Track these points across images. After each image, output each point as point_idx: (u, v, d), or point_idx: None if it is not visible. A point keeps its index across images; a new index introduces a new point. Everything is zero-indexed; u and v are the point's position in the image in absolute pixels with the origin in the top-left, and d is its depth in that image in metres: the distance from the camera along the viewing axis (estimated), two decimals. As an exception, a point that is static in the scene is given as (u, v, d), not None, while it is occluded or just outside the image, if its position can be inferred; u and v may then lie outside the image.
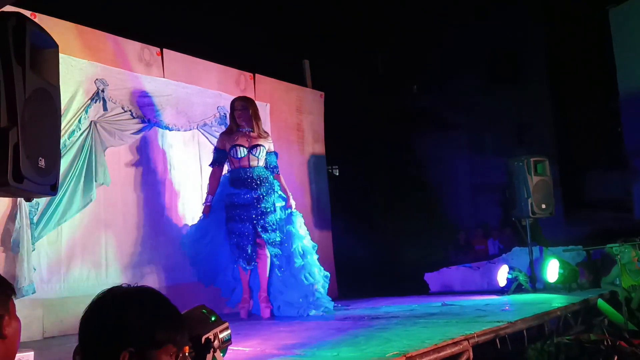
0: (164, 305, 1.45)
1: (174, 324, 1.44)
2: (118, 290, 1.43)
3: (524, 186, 6.76)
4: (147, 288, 1.46)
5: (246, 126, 5.56)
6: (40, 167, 2.79)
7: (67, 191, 5.09)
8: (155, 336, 1.37)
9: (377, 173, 11.69)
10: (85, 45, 5.32)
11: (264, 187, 5.52)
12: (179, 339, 1.43)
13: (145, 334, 1.36)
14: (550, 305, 5.03)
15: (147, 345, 1.36)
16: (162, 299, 1.46)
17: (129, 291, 1.43)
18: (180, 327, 1.45)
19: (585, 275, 6.54)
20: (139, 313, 1.37)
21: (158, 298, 1.45)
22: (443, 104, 14.39)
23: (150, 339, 1.36)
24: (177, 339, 1.42)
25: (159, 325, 1.39)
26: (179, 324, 1.45)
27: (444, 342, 3.42)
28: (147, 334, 1.36)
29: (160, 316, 1.41)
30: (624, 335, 4.01)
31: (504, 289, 6.44)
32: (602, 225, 9.52)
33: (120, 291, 1.42)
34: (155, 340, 1.37)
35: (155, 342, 1.37)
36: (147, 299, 1.43)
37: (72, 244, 5.15)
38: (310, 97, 7.97)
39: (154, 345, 1.37)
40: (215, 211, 5.56)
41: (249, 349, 3.66)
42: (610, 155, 13.32)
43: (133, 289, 1.44)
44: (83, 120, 5.25)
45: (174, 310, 1.46)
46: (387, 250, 10.09)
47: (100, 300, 1.41)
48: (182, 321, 1.48)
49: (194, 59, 6.43)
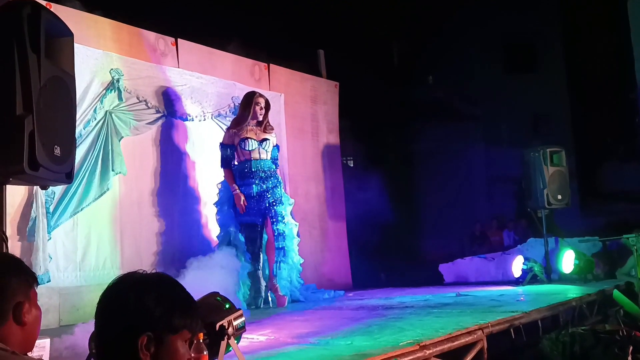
0: (180, 291, 1.47)
1: (190, 310, 1.46)
2: (134, 275, 1.44)
3: (540, 177, 6.71)
4: (162, 274, 1.49)
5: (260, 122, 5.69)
6: (55, 155, 2.82)
7: (82, 180, 5.13)
8: (173, 321, 1.39)
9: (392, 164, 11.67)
10: (101, 35, 5.35)
11: (273, 180, 5.67)
12: (194, 325, 1.45)
13: (163, 319, 1.38)
14: (565, 295, 4.99)
15: (165, 330, 1.38)
16: (178, 286, 1.48)
17: (146, 277, 1.44)
18: (195, 314, 1.47)
19: (601, 266, 6.49)
20: (157, 298, 1.39)
21: (174, 284, 1.47)
22: (458, 95, 14.31)
23: (168, 324, 1.38)
24: (192, 324, 1.44)
25: (176, 310, 1.41)
26: (194, 310, 1.48)
27: (458, 332, 3.40)
28: (165, 319, 1.38)
29: (178, 302, 1.43)
30: (639, 325, 3.97)
31: (519, 279, 6.40)
32: (618, 216, 9.45)
33: (137, 277, 1.44)
34: (173, 326, 1.39)
35: (173, 327, 1.39)
36: (164, 285, 1.45)
37: (88, 232, 5.20)
38: (325, 87, 7.94)
39: (172, 330, 1.39)
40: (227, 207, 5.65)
41: (264, 337, 3.67)
42: (627, 146, 13.18)
43: (150, 275, 1.45)
44: (98, 110, 5.28)
45: (189, 297, 1.48)
46: (402, 241, 10.07)
47: (117, 286, 1.43)
48: (197, 308, 1.50)
49: (208, 49, 6.44)
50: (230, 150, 5.67)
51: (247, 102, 5.72)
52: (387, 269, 8.87)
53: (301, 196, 7.15)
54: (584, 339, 3.50)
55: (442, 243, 10.92)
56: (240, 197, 5.54)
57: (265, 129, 5.74)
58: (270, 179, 5.66)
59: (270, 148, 5.74)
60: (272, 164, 5.76)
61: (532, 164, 6.86)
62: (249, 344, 3.40)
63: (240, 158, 5.68)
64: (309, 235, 7.08)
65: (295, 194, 6.97)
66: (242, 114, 5.74)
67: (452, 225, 11.98)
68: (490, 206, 13.28)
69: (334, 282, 7.08)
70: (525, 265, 6.36)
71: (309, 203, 7.33)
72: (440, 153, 13.29)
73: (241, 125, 5.65)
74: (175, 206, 5.97)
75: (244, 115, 5.70)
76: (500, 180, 13.23)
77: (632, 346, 3.35)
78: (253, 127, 5.69)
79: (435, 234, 11.35)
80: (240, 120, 5.71)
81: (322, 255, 7.32)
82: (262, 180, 5.61)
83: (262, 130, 5.71)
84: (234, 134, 5.66)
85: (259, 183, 5.60)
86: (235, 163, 5.72)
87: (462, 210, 12.62)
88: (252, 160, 5.61)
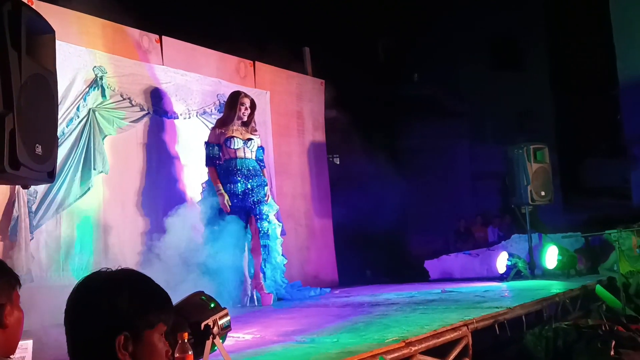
0: (151, 286, 1.46)
1: (164, 303, 1.45)
2: (101, 276, 1.42)
3: (524, 173, 6.76)
4: (129, 270, 1.46)
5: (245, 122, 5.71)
6: (37, 154, 2.78)
7: (65, 179, 5.09)
8: (148, 317, 1.38)
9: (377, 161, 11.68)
10: (83, 32, 5.29)
11: (258, 179, 5.69)
12: (169, 318, 1.44)
13: (138, 316, 1.37)
14: (548, 291, 5.04)
15: (141, 327, 1.37)
16: (148, 280, 1.46)
17: (113, 276, 1.42)
18: (169, 306, 1.47)
19: (583, 262, 6.55)
20: (130, 297, 1.37)
21: (144, 279, 1.46)
22: (444, 92, 14.37)
23: (143, 320, 1.37)
24: (167, 317, 1.44)
25: (150, 306, 1.40)
26: (167, 302, 1.47)
27: (443, 328, 3.42)
28: (140, 317, 1.37)
29: (150, 297, 1.42)
30: (621, 320, 4.02)
31: (503, 275, 6.45)
32: (599, 212, 9.54)
33: (104, 277, 1.41)
34: (148, 321, 1.38)
35: (149, 323, 1.38)
36: (134, 282, 1.43)
37: (71, 232, 5.15)
38: (311, 85, 7.94)
39: (148, 326, 1.38)
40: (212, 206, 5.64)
41: (250, 336, 3.66)
42: (609, 142, 13.33)
43: (117, 273, 1.43)
44: (81, 108, 5.23)
45: (161, 290, 1.47)
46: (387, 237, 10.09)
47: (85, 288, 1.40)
48: (169, 299, 1.48)
49: (193, 46, 6.40)
50: (216, 149, 5.67)
51: (233, 102, 5.72)
52: (373, 265, 8.90)
53: (287, 194, 7.14)
54: (567, 333, 3.54)
55: (427, 239, 10.98)
56: (224, 197, 5.53)
57: (251, 129, 5.77)
58: (255, 178, 5.68)
59: (255, 148, 5.77)
60: (257, 164, 5.78)
61: (515, 161, 6.92)
62: (234, 342, 3.39)
63: (226, 156, 5.67)
64: (295, 232, 7.08)
65: (282, 192, 6.97)
66: (227, 114, 5.74)
67: (437, 221, 12.04)
68: (475, 202, 13.36)
69: (320, 279, 7.09)
70: (510, 261, 6.42)
71: (295, 200, 7.33)
72: (426, 150, 13.34)
73: (227, 125, 5.66)
74: (160, 205, 5.92)
75: (229, 116, 5.71)
76: (484, 177, 13.32)
77: (614, 341, 3.39)
78: (238, 127, 5.71)
79: (420, 231, 11.40)
80: (226, 120, 5.71)
81: (308, 253, 7.33)
82: (247, 178, 5.63)
83: (247, 130, 5.74)
84: (219, 133, 5.66)
85: (243, 181, 5.61)
86: (221, 162, 5.71)
87: (447, 206, 12.68)
88: (238, 159, 5.63)
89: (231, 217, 5.53)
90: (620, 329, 3.63)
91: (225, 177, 5.61)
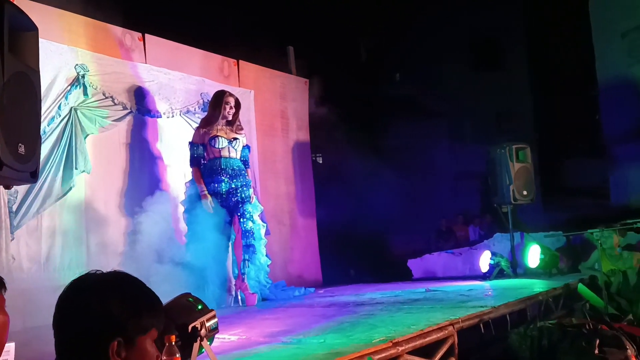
0: (143, 290, 1.43)
1: (156, 307, 1.43)
2: (91, 279, 1.39)
3: (506, 173, 6.81)
4: (120, 273, 1.43)
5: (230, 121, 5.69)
6: (20, 154, 2.73)
7: (46, 179, 5.01)
8: (141, 323, 1.36)
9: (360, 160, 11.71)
10: (65, 29, 5.21)
11: (242, 178, 5.66)
12: (160, 322, 1.43)
13: (132, 322, 1.34)
14: (531, 290, 5.08)
15: (134, 332, 1.35)
16: (139, 283, 1.44)
17: (104, 279, 1.39)
18: (160, 310, 1.45)
19: (565, 261, 6.62)
20: (122, 302, 1.35)
21: (135, 283, 1.43)
22: (425, 92, 14.45)
23: (137, 326, 1.35)
24: (159, 322, 1.42)
25: (143, 311, 1.38)
26: (159, 307, 1.45)
27: (430, 328, 3.42)
28: (133, 322, 1.35)
29: (143, 302, 1.40)
30: (605, 319, 4.07)
31: (486, 274, 6.50)
32: (579, 211, 9.65)
33: (95, 280, 1.38)
34: (142, 327, 1.36)
35: (142, 329, 1.36)
36: (126, 286, 1.41)
37: (53, 232, 5.07)
38: (295, 84, 7.92)
39: (141, 332, 1.36)
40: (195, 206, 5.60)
41: (235, 337, 3.63)
42: (589, 142, 13.51)
43: (107, 276, 1.40)
44: (63, 106, 5.16)
45: (152, 294, 1.45)
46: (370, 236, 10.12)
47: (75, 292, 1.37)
48: (160, 303, 1.47)
49: (176, 45, 6.34)
50: (200, 149, 5.63)
51: (217, 101, 5.69)
52: (355, 265, 8.91)
53: (271, 193, 7.12)
54: (552, 333, 3.58)
55: (409, 239, 11.02)
56: (207, 199, 5.50)
57: (236, 128, 5.74)
58: (240, 178, 5.65)
59: (240, 147, 5.74)
60: (242, 163, 5.76)
61: (498, 161, 6.96)
62: (220, 344, 3.35)
63: (210, 156, 5.64)
64: (279, 232, 7.06)
65: (266, 191, 6.94)
66: (212, 113, 5.70)
67: (419, 221, 12.09)
68: (456, 202, 13.46)
69: (304, 278, 7.08)
70: (492, 260, 6.47)
71: (279, 200, 7.31)
72: (407, 149, 13.39)
73: (211, 125, 5.63)
74: (143, 205, 5.86)
75: (214, 115, 5.67)
76: (465, 176, 13.42)
77: (598, 339, 3.43)
78: (223, 127, 5.68)
79: (402, 230, 11.44)
80: (210, 119, 5.68)
81: (292, 253, 7.31)
82: (232, 178, 5.60)
83: (232, 129, 5.71)
84: (204, 133, 5.63)
85: (228, 181, 5.59)
86: (205, 161, 5.68)
87: (429, 206, 12.74)
88: (222, 158, 5.60)
89: (214, 217, 5.49)
90: (604, 327, 3.68)
91: (209, 176, 5.58)
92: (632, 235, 6.34)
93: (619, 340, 3.49)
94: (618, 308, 4.67)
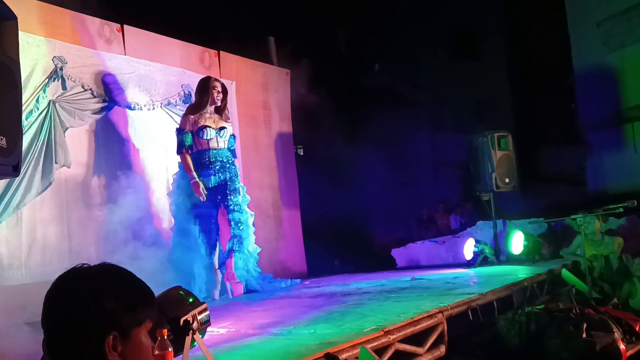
0: (134, 281, 1.39)
1: (148, 298, 1.39)
2: (81, 273, 1.34)
3: (488, 161, 6.84)
4: (109, 266, 1.39)
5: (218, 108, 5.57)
6: (1, 147, 2.66)
7: (26, 174, 4.91)
8: (136, 315, 1.33)
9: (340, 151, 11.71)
10: (42, 21, 5.10)
11: (231, 169, 5.57)
12: (154, 313, 1.39)
13: (127, 316, 1.31)
14: (516, 276, 5.14)
15: (129, 325, 1.31)
16: (130, 275, 1.39)
17: (95, 273, 1.34)
18: (153, 301, 1.41)
19: (546, 247, 6.70)
20: (116, 296, 1.31)
21: (127, 275, 1.39)
22: (404, 82, 14.48)
23: (132, 319, 1.32)
24: (153, 313, 1.39)
25: (136, 303, 1.34)
26: (152, 297, 1.41)
27: (420, 316, 3.45)
28: (128, 316, 1.31)
29: (136, 294, 1.36)
30: (591, 303, 4.13)
31: (470, 262, 6.54)
32: (557, 198, 9.78)
33: (85, 274, 1.33)
34: (137, 320, 1.33)
35: (137, 321, 1.33)
36: (118, 279, 1.36)
37: (33, 228, 4.99)
38: (276, 75, 7.86)
39: (136, 324, 1.32)
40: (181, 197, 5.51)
41: (225, 330, 3.61)
42: (565, 130, 13.70)
43: (98, 270, 1.35)
44: (41, 99, 5.05)
45: (144, 285, 1.41)
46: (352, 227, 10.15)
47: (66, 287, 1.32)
48: (153, 294, 1.42)
49: (156, 36, 6.25)
50: (189, 137, 5.47)
51: (204, 87, 5.55)
52: (340, 255, 8.92)
53: (255, 185, 7.07)
54: (539, 318, 3.61)
55: (391, 228, 11.08)
56: (199, 185, 5.38)
57: (224, 117, 5.63)
58: (229, 168, 5.56)
59: (228, 137, 5.63)
60: (230, 153, 5.67)
61: (480, 149, 6.99)
62: (209, 337, 3.31)
63: (198, 147, 5.52)
64: (263, 224, 7.02)
65: (249, 183, 6.88)
66: (199, 100, 5.56)
67: (401, 210, 12.15)
68: (437, 191, 13.54)
69: (289, 270, 7.07)
70: (477, 247, 6.51)
71: (263, 192, 7.26)
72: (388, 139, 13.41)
73: (200, 112, 5.48)
74: (124, 198, 5.78)
75: (202, 101, 5.52)
76: (445, 165, 13.50)
77: (585, 323, 3.48)
78: (212, 114, 5.55)
79: (384, 220, 11.49)
80: (199, 106, 5.53)
81: (276, 244, 7.29)
82: (222, 170, 5.51)
83: (220, 117, 5.59)
84: (193, 120, 5.48)
85: (216, 174, 5.49)
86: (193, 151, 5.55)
87: (410, 195, 12.81)
88: (210, 150, 5.49)
89: (203, 209, 5.42)
90: (591, 311, 3.73)
91: (198, 169, 5.46)
92: (613, 221, 6.45)
93: (606, 324, 3.55)
94: (601, 292, 4.74)
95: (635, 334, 3.90)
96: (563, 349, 3.39)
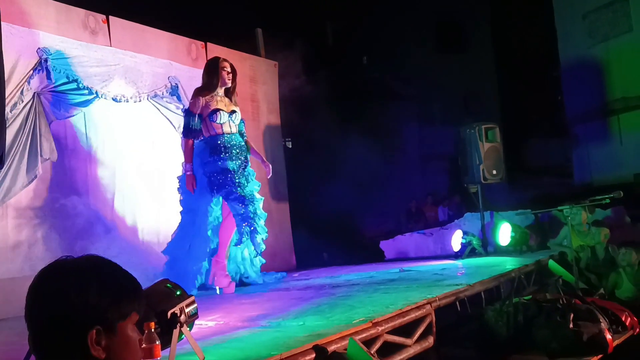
0: (120, 273, 1.35)
1: (135, 291, 1.35)
2: (64, 266, 1.30)
3: (476, 153, 6.87)
4: (94, 258, 1.35)
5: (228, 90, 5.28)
6: (-15, 140, 2.63)
7: (10, 167, 4.87)
8: (121, 308, 1.30)
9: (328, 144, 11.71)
10: (25, 11, 5.04)
11: (244, 156, 5.26)
12: (141, 306, 1.36)
13: (111, 308, 1.28)
14: (503, 267, 5.17)
15: (114, 319, 1.28)
16: (116, 267, 1.36)
17: (78, 265, 1.31)
18: (140, 293, 1.37)
19: (534, 238, 6.75)
20: (100, 289, 1.27)
21: (112, 267, 1.35)
22: (392, 74, 14.49)
23: (116, 312, 1.29)
24: (139, 306, 1.35)
25: (122, 296, 1.31)
26: (138, 289, 1.37)
27: (408, 307, 3.45)
28: (112, 309, 1.28)
29: (121, 286, 1.33)
30: (578, 293, 4.17)
31: (458, 253, 6.58)
32: (543, 189, 9.85)
33: (69, 267, 1.30)
34: (121, 313, 1.30)
35: (122, 315, 1.30)
36: (102, 271, 1.33)
37: (19, 222, 4.94)
38: (264, 67, 7.82)
39: (121, 318, 1.30)
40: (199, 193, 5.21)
41: (213, 322, 3.60)
42: (551, 122, 13.79)
43: (81, 262, 1.32)
44: (25, 91, 5.00)
45: (130, 276, 1.37)
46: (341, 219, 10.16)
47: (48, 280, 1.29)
48: (139, 286, 1.39)
49: (142, 27, 6.19)
50: (196, 120, 5.11)
51: (213, 68, 5.21)
52: (329, 247, 8.93)
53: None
54: (527, 308, 3.64)
55: (379, 220, 11.12)
56: (192, 178, 5.08)
57: (233, 100, 5.31)
58: (242, 155, 5.22)
59: (238, 121, 5.31)
60: (242, 138, 5.36)
61: (468, 141, 7.01)
62: (197, 330, 3.30)
63: (211, 132, 5.15)
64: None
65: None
66: (209, 80, 5.19)
67: (389, 202, 12.19)
68: (425, 183, 13.59)
69: (278, 262, 7.06)
70: (464, 239, 6.54)
71: (251, 184, 7.23)
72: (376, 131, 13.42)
73: (211, 92, 5.14)
74: (111, 192, 5.75)
75: (212, 82, 5.16)
76: (433, 157, 13.55)
77: (572, 314, 3.51)
78: (222, 97, 5.22)
79: (373, 212, 11.51)
80: (209, 87, 5.16)
81: (265, 237, 7.26)
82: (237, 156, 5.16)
83: (231, 101, 5.27)
84: (205, 102, 5.12)
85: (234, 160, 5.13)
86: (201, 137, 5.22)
87: (398, 187, 12.85)
88: (224, 135, 5.13)
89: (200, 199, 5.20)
90: (578, 302, 3.77)
91: (212, 155, 5.10)
92: (599, 212, 6.51)
93: (593, 314, 3.58)
94: (588, 283, 4.79)
95: (622, 324, 3.94)
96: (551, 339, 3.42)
